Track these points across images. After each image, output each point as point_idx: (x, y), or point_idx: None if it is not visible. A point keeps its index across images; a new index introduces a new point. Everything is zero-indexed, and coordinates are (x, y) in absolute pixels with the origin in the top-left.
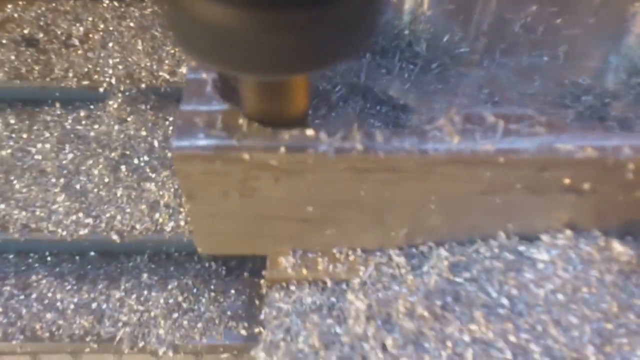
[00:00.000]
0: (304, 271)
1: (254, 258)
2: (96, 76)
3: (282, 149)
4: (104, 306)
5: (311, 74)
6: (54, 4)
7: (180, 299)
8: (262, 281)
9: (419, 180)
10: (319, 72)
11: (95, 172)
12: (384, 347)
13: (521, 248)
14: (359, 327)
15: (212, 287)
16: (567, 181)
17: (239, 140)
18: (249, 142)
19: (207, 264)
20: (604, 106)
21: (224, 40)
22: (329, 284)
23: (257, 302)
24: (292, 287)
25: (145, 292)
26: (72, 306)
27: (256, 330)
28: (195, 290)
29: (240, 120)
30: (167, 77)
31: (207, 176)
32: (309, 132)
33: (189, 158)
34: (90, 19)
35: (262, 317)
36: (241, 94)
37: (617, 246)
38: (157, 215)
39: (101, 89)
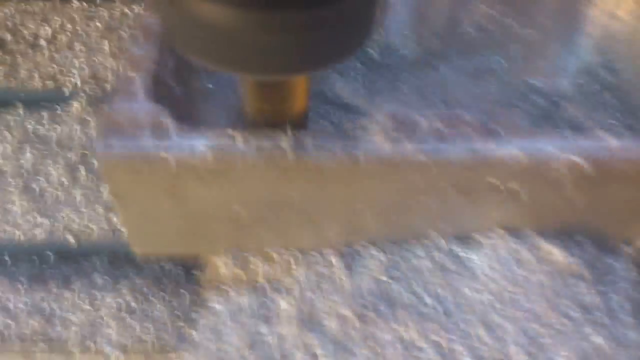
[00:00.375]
0: (239, 272)
1: None
2: (61, 77)
3: (207, 151)
4: (55, 307)
5: (311, 74)
6: (23, 5)
7: (130, 299)
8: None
9: (348, 182)
10: (318, 72)
11: (54, 173)
12: (307, 347)
13: (454, 248)
14: (284, 328)
15: (165, 288)
16: (496, 182)
17: (164, 141)
18: (175, 143)
19: (164, 265)
20: (555, 107)
21: (223, 40)
22: (264, 284)
23: None
24: (226, 288)
25: (96, 293)
26: (23, 307)
27: None
28: (147, 292)
29: (167, 122)
30: None
31: (133, 177)
32: (235, 133)
33: (113, 160)
34: (58, 20)
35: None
36: (241, 94)
37: (548, 247)
38: (113, 216)
39: (66, 90)
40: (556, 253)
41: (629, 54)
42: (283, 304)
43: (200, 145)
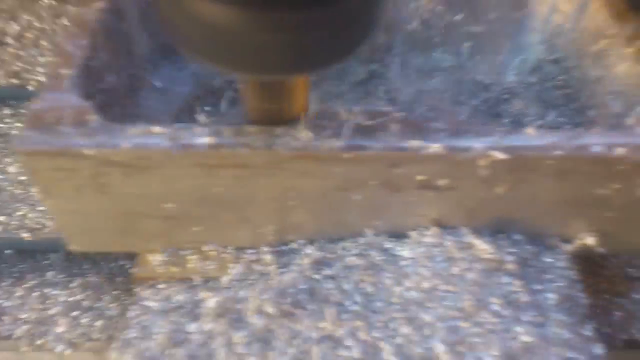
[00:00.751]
0: (173, 269)
1: None
2: (26, 75)
3: (127, 145)
4: (5, 304)
5: (311, 74)
6: None
7: (81, 297)
8: None
9: (270, 176)
10: (318, 72)
11: (12, 169)
12: (231, 346)
13: (388, 245)
14: (209, 325)
15: (117, 284)
16: (420, 178)
17: (88, 137)
18: (99, 139)
19: (121, 262)
20: (502, 103)
21: (223, 40)
22: (197, 281)
23: None
24: (161, 285)
25: (47, 290)
26: None
27: None
28: (98, 288)
29: (92, 117)
30: None
31: (55, 172)
32: (156, 128)
33: (34, 154)
34: (26, 17)
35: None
36: (241, 94)
37: (481, 244)
38: None
39: (30, 88)
40: (489, 250)
41: (574, 48)
42: (211, 302)
43: (124, 141)
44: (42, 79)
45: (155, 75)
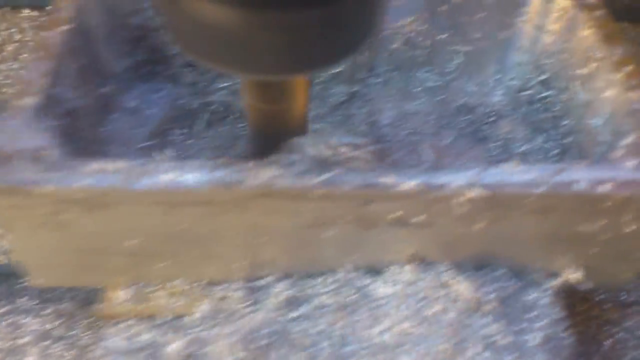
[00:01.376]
0: (139, 306)
1: None
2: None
3: (85, 182)
4: None
5: (310, 74)
6: None
7: (55, 324)
8: None
9: (236, 213)
10: (318, 72)
11: None
12: None
13: (363, 283)
14: None
15: (93, 311)
16: (395, 215)
17: (45, 173)
18: (52, 174)
19: (94, 289)
20: (487, 125)
21: (224, 41)
22: (164, 319)
23: None
24: (125, 324)
25: (20, 318)
26: None
27: None
28: (72, 316)
29: (51, 151)
30: None
31: (12, 210)
32: (113, 165)
33: None
34: (6, 29)
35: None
36: (242, 95)
37: (458, 281)
38: None
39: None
40: (467, 289)
41: (562, 70)
42: (176, 345)
43: (82, 178)
44: None
45: (128, 96)
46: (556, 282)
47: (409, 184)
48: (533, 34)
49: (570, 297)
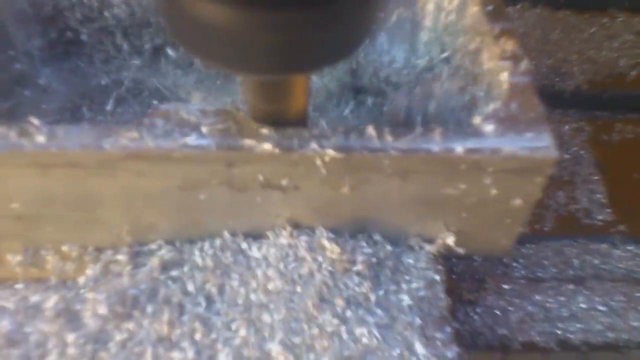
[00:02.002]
0: (32, 269)
1: None
2: None
3: None
4: None
5: (311, 74)
6: None
7: None
8: None
9: (106, 176)
10: (318, 71)
11: None
12: (65, 345)
13: (243, 246)
14: (47, 326)
15: None
16: (261, 177)
17: None
18: None
19: None
20: (390, 102)
21: (224, 40)
22: (55, 282)
23: None
24: (18, 285)
25: None
26: None
27: None
28: None
29: None
30: None
31: None
32: None
33: None
34: None
35: None
36: (242, 94)
37: (331, 244)
38: None
39: None
40: (339, 251)
41: (458, 44)
42: (51, 302)
43: None
44: None
45: (40, 74)
46: (432, 248)
47: (265, 146)
48: (434, 12)
49: (447, 263)
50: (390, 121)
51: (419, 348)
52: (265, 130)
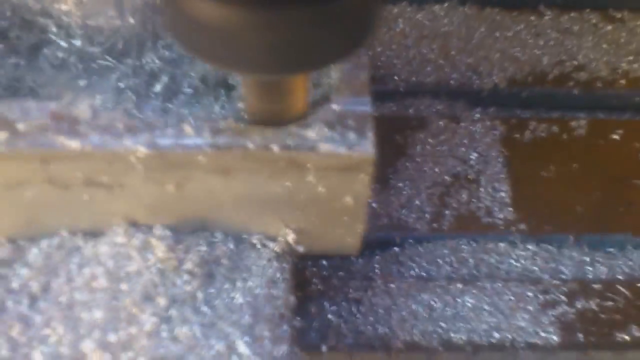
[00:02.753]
0: None
1: None
2: None
3: None
4: None
5: (310, 73)
6: None
7: None
8: None
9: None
10: (317, 71)
11: None
12: None
13: (80, 244)
14: None
15: None
16: (80, 175)
17: None
18: None
19: None
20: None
21: (223, 39)
22: None
23: None
24: None
25: None
26: None
27: None
28: None
29: None
30: None
31: None
32: None
33: None
34: None
35: None
36: (242, 94)
37: (161, 243)
38: None
39: None
40: (168, 249)
41: None
42: None
43: None
44: None
45: None
46: (276, 246)
47: (74, 144)
48: None
49: (290, 261)
50: None
51: (241, 346)
52: (81, 128)
